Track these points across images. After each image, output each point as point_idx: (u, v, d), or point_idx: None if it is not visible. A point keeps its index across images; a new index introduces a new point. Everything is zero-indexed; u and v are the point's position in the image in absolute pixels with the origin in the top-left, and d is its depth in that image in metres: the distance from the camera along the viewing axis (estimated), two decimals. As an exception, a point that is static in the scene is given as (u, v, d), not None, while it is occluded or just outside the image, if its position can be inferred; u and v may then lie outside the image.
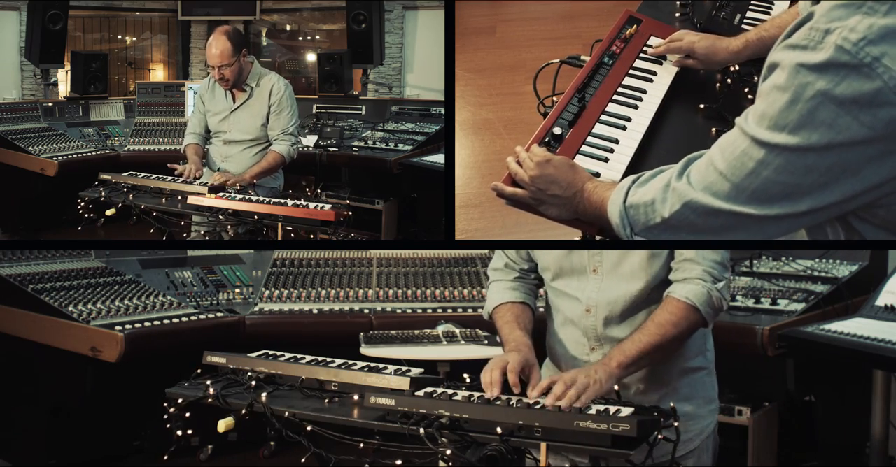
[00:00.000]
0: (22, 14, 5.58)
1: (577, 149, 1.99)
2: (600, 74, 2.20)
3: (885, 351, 2.52)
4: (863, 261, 3.39)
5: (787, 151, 1.27)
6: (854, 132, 1.21)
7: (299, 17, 6.59)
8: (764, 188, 1.32)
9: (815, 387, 3.42)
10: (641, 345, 1.82)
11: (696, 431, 2.00)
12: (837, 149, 1.23)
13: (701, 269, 1.87)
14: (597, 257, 1.99)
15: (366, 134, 5.24)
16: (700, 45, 2.19)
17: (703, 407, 2.03)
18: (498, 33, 4.50)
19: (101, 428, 3.64)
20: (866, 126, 1.20)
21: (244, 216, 3.12)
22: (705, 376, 2.05)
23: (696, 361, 2.02)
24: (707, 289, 1.86)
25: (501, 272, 2.18)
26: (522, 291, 2.14)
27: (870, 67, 1.18)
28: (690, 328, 1.88)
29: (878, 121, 1.19)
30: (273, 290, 3.74)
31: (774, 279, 3.39)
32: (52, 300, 3.23)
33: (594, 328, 2.00)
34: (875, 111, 1.19)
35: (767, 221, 1.35)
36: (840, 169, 1.25)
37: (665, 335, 1.84)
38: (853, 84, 1.19)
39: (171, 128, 5.43)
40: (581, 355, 2.03)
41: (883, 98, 1.18)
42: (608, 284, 1.98)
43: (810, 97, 1.22)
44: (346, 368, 1.96)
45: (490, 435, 1.62)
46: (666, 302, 1.88)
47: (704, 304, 1.86)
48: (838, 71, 1.20)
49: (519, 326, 2.01)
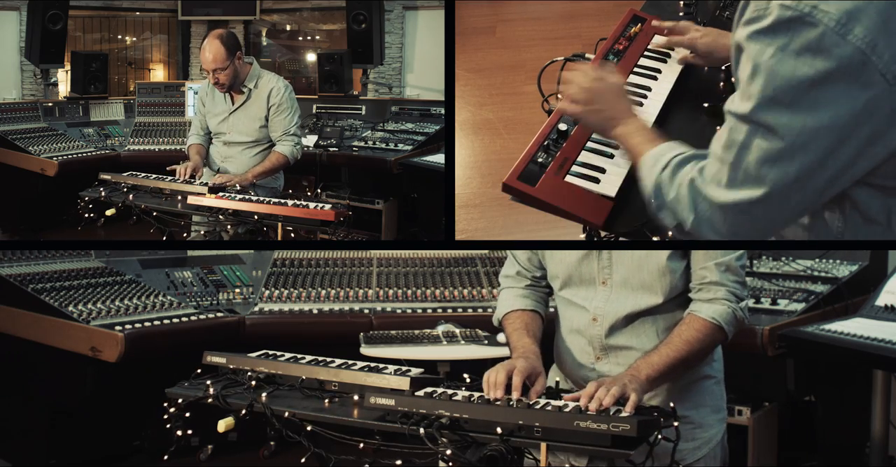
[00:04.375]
0: (22, 14, 5.58)
1: (583, 145, 2.00)
2: (605, 72, 2.20)
3: (885, 351, 2.52)
4: (863, 261, 3.39)
5: (762, 112, 1.35)
6: (813, 78, 1.28)
7: (299, 17, 6.59)
8: (753, 160, 1.39)
9: (815, 387, 3.42)
10: (669, 359, 1.84)
11: (704, 440, 2.00)
12: (805, 102, 1.31)
13: (725, 291, 1.91)
14: (606, 270, 1.99)
15: (366, 134, 5.23)
16: (702, 41, 2.21)
17: (710, 415, 2.03)
18: (498, 33, 4.50)
19: (101, 428, 3.64)
20: (822, 71, 1.28)
21: (244, 216, 3.11)
22: (713, 385, 2.05)
23: (703, 370, 2.02)
24: (732, 310, 1.90)
25: (513, 279, 2.17)
26: (533, 299, 2.14)
27: (810, 15, 1.27)
28: (713, 345, 1.93)
29: (831, 64, 1.27)
30: (273, 290, 3.74)
31: (774, 279, 3.39)
32: (52, 300, 3.23)
33: (599, 337, 2.00)
34: (825, 55, 1.27)
35: (767, 203, 1.40)
36: (814, 125, 1.31)
37: (691, 351, 1.86)
38: (802, 35, 1.28)
39: (171, 128, 5.43)
40: (587, 363, 2.04)
41: (829, 40, 1.27)
42: (617, 296, 1.98)
43: (770, 56, 1.31)
44: (346, 368, 1.96)
45: (490, 435, 1.62)
46: (692, 319, 1.91)
47: (729, 324, 1.90)
48: (788, 27, 1.29)
49: (528, 334, 2.01)
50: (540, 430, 1.59)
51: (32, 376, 3.57)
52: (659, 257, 1.93)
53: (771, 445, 3.31)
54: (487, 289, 3.78)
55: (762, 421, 3.22)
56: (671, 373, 1.85)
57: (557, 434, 1.59)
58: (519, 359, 1.85)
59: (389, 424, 1.72)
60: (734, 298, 1.91)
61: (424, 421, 1.66)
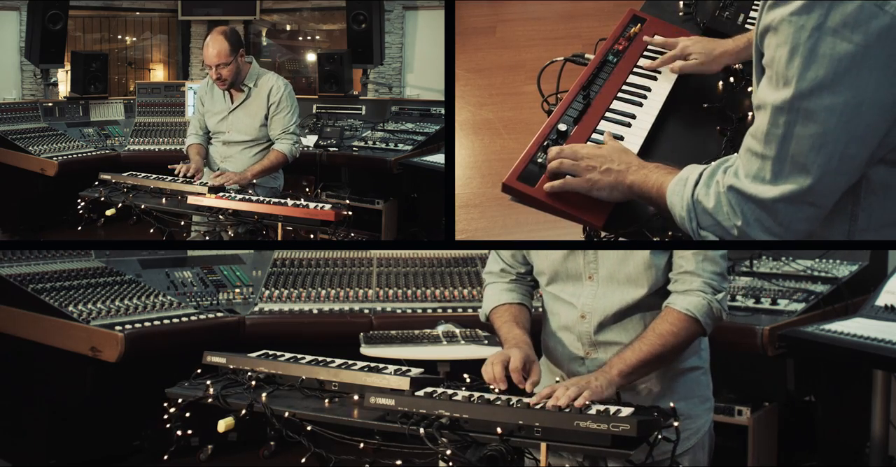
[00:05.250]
0: (22, 14, 5.58)
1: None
2: (605, 72, 2.20)
3: (885, 351, 2.52)
4: (863, 261, 3.39)
5: (804, 98, 1.31)
6: (853, 53, 1.26)
7: (299, 17, 6.59)
8: (799, 149, 1.35)
9: (815, 387, 3.41)
10: (642, 354, 1.84)
11: (693, 430, 2.01)
12: (846, 79, 1.27)
13: (701, 281, 1.89)
14: (592, 265, 1.99)
15: (366, 134, 5.23)
16: (694, 47, 2.18)
17: (698, 406, 2.04)
18: (498, 33, 4.50)
19: (101, 428, 3.64)
20: (861, 45, 1.25)
21: (244, 216, 3.11)
22: (700, 375, 2.07)
23: (691, 361, 2.04)
24: (707, 301, 1.88)
25: (497, 275, 2.18)
26: (519, 292, 2.14)
27: None
28: (690, 338, 1.91)
29: (871, 36, 1.25)
30: (273, 290, 3.74)
31: (774, 279, 3.39)
32: (52, 300, 3.23)
33: (588, 334, 2.01)
34: (865, 27, 1.25)
35: (817, 190, 1.37)
36: (856, 101, 1.29)
37: (665, 345, 1.85)
38: (838, 9, 1.25)
39: (171, 128, 5.43)
40: (577, 359, 2.04)
41: (867, 12, 1.25)
42: (604, 291, 1.99)
43: (807, 38, 1.28)
44: (346, 368, 1.96)
45: (490, 435, 1.62)
46: (666, 312, 1.90)
47: (705, 316, 1.88)
48: (822, 3, 1.26)
49: (517, 325, 2.02)
50: (540, 430, 1.59)
51: (32, 376, 3.57)
52: (643, 251, 1.93)
53: (771, 445, 3.31)
54: (487, 289, 3.77)
55: (762, 421, 3.22)
56: (645, 368, 1.85)
57: (557, 434, 1.59)
58: (512, 350, 1.86)
59: (389, 424, 1.72)
60: (710, 290, 1.88)
61: (424, 421, 1.66)
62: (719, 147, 2.01)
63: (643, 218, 1.83)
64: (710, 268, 1.89)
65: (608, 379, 1.78)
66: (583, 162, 1.78)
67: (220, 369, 2.07)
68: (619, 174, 1.74)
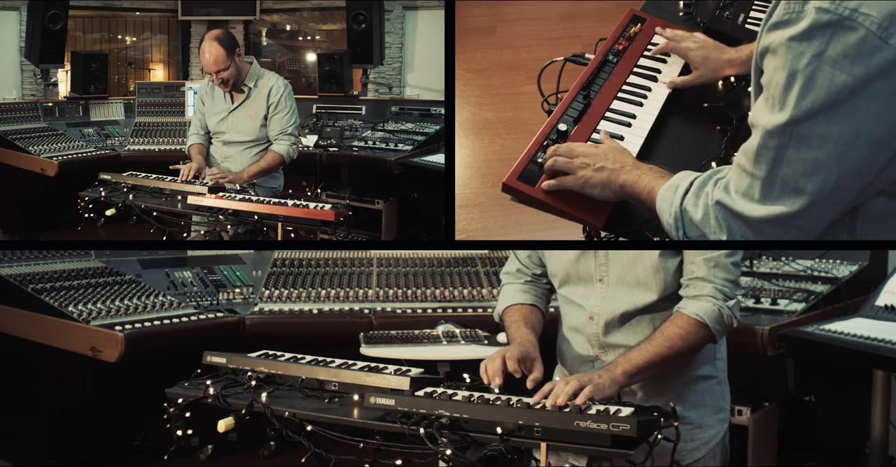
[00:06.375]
0: (22, 14, 5.58)
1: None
2: (605, 72, 2.20)
3: (885, 351, 2.52)
4: (863, 261, 3.39)
5: (798, 123, 1.28)
6: (853, 86, 1.23)
7: (299, 17, 6.59)
8: (790, 172, 1.33)
9: (815, 387, 3.41)
10: (648, 355, 1.83)
11: (703, 440, 2.00)
12: (843, 110, 1.25)
13: (712, 287, 1.88)
14: (603, 267, 1.99)
15: (366, 134, 5.23)
16: (695, 53, 2.17)
17: (710, 416, 2.02)
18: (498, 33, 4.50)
19: (101, 428, 3.63)
20: (862, 77, 1.22)
21: (244, 216, 3.11)
22: (714, 385, 2.04)
23: (704, 370, 2.02)
24: (718, 307, 1.87)
25: (513, 275, 2.19)
26: (533, 294, 2.15)
27: (850, 19, 1.21)
28: (699, 343, 1.90)
29: (872, 69, 1.22)
30: (273, 290, 3.74)
31: (774, 279, 3.39)
32: (52, 300, 3.23)
33: (597, 335, 2.01)
34: (866, 61, 1.22)
35: (805, 215, 1.35)
36: (852, 133, 1.26)
37: (673, 347, 1.85)
38: (840, 40, 1.22)
39: (171, 129, 5.43)
40: (588, 361, 2.05)
41: (870, 45, 1.21)
42: (613, 294, 1.99)
43: (806, 65, 1.25)
44: (346, 368, 1.96)
45: (490, 435, 1.62)
46: (676, 316, 1.89)
47: (714, 322, 1.87)
48: (824, 32, 1.23)
49: (526, 325, 2.02)
50: (540, 430, 1.60)
51: (32, 376, 3.56)
52: (652, 254, 1.93)
53: (771, 445, 3.31)
54: (487, 289, 3.77)
55: (762, 421, 3.22)
56: (650, 369, 1.84)
57: (557, 434, 1.59)
58: (513, 346, 1.87)
59: (389, 424, 1.72)
60: (721, 296, 1.88)
61: (424, 421, 1.66)
62: (719, 146, 2.01)
63: (643, 218, 1.83)
64: (722, 274, 1.88)
65: (612, 377, 1.78)
66: (577, 159, 1.78)
67: (220, 369, 2.08)
68: (612, 172, 1.73)
